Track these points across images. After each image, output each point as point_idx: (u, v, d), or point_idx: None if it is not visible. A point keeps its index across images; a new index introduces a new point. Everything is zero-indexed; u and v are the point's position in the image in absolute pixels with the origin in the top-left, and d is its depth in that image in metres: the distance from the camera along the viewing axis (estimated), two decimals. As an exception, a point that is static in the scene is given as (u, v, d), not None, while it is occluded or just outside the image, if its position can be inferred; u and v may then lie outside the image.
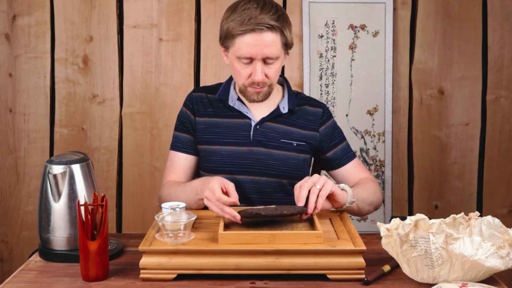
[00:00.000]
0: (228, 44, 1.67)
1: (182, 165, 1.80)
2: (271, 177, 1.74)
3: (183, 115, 1.82)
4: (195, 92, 1.84)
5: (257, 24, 1.59)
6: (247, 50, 1.62)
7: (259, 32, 1.60)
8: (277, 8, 1.65)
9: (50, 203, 1.47)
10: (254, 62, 1.64)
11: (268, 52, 1.62)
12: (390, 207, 2.69)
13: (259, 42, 1.61)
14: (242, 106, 1.77)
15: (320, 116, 1.82)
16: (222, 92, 1.79)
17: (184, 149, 1.81)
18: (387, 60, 2.67)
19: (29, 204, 2.71)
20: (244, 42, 1.61)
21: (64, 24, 2.65)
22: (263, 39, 1.61)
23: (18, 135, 2.69)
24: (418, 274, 1.31)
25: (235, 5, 1.67)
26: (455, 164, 2.73)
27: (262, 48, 1.61)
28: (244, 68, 1.66)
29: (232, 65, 1.70)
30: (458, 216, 1.40)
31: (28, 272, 1.41)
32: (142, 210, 2.72)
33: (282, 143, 1.75)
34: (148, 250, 1.34)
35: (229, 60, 1.71)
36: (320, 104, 1.86)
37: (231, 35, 1.63)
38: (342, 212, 1.62)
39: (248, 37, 1.61)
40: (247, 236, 1.35)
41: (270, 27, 1.60)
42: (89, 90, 2.68)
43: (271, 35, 1.61)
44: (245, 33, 1.60)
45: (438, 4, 2.66)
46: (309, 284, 1.32)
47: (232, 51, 1.67)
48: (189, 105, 1.82)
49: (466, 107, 2.71)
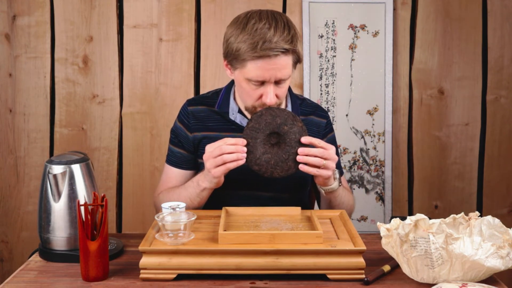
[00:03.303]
0: (236, 64, 1.57)
1: (178, 179, 1.76)
2: (272, 192, 1.72)
3: (177, 130, 1.75)
4: (190, 106, 1.74)
5: (271, 49, 1.49)
6: (259, 74, 1.53)
7: (274, 57, 1.50)
8: (289, 26, 1.54)
9: (50, 203, 1.47)
10: (266, 84, 1.55)
11: (281, 75, 1.54)
12: (390, 207, 2.69)
13: (272, 66, 1.52)
14: (243, 120, 1.70)
15: (323, 127, 1.79)
16: (221, 103, 1.71)
17: (179, 164, 1.76)
18: (387, 60, 2.67)
19: (29, 204, 2.71)
20: (257, 67, 1.52)
21: (64, 24, 2.65)
22: (277, 62, 1.52)
23: (18, 135, 2.69)
24: (418, 274, 1.31)
25: (244, 21, 1.54)
26: (455, 164, 2.73)
27: (275, 72, 1.52)
28: (254, 90, 1.57)
29: (239, 84, 1.60)
30: (458, 216, 1.40)
31: (28, 272, 1.41)
32: (142, 210, 2.72)
33: None
34: (148, 250, 1.33)
35: (236, 78, 1.62)
36: (325, 114, 1.81)
37: (241, 58, 1.53)
38: (342, 212, 1.62)
39: (261, 62, 1.51)
40: (247, 236, 1.35)
41: (284, 51, 1.51)
42: (89, 90, 2.68)
43: (285, 58, 1.53)
44: (258, 58, 1.50)
45: (438, 4, 2.66)
46: (309, 284, 1.32)
47: (241, 72, 1.57)
48: (183, 120, 1.74)
49: (466, 107, 2.71)
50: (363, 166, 2.70)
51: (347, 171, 2.70)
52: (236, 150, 1.49)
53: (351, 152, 2.70)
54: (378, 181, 2.70)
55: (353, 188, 2.70)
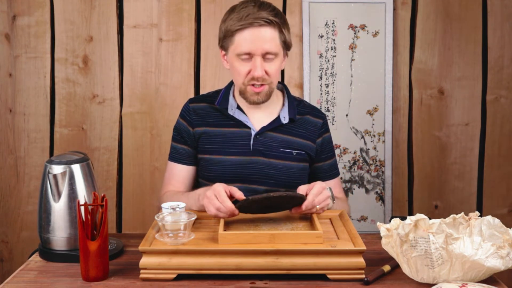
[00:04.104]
0: (227, 43, 1.69)
1: (181, 176, 1.81)
2: (270, 187, 1.75)
3: (180, 126, 1.82)
4: (192, 103, 1.83)
5: (256, 18, 1.62)
6: (246, 46, 1.64)
7: (258, 27, 1.63)
8: (274, 7, 1.69)
9: (50, 203, 1.47)
10: (254, 58, 1.65)
11: (267, 47, 1.64)
12: (390, 207, 2.69)
13: (258, 37, 1.63)
14: (241, 115, 1.77)
15: (319, 127, 1.84)
16: (221, 100, 1.79)
17: (182, 160, 1.81)
18: (387, 60, 2.67)
19: (29, 204, 2.71)
20: (243, 38, 1.64)
21: (64, 24, 2.65)
22: (262, 34, 1.64)
23: (18, 135, 2.69)
24: (418, 274, 1.31)
25: (233, 7, 1.70)
26: (455, 164, 2.73)
27: (261, 44, 1.64)
28: (243, 65, 1.67)
29: (232, 65, 1.71)
30: (458, 216, 1.40)
31: (28, 272, 1.41)
32: (142, 210, 2.72)
33: (282, 153, 1.76)
34: (148, 250, 1.34)
35: (229, 61, 1.73)
36: (321, 115, 1.87)
37: (230, 32, 1.66)
38: (342, 212, 1.62)
39: (247, 32, 1.64)
40: (247, 236, 1.35)
41: (268, 21, 1.63)
42: (89, 90, 2.68)
43: (270, 30, 1.64)
44: (244, 28, 1.63)
45: (438, 4, 2.66)
46: (309, 284, 1.32)
47: (231, 50, 1.68)
48: (185, 116, 1.81)
49: (466, 107, 2.71)
50: (363, 166, 2.70)
51: (347, 171, 2.70)
52: (229, 215, 1.49)
53: (351, 152, 2.70)
54: (378, 181, 2.70)
55: (353, 188, 2.70)
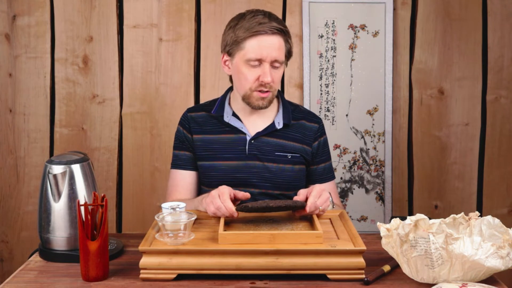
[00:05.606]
0: (234, 50, 1.72)
1: (186, 181, 1.85)
2: (267, 190, 1.77)
3: (180, 134, 1.87)
4: (190, 112, 1.88)
5: (268, 27, 1.67)
6: (257, 52, 1.68)
7: (271, 35, 1.68)
8: (281, 20, 1.75)
9: (50, 203, 1.47)
10: (263, 65, 1.69)
11: (276, 55, 1.69)
12: (390, 207, 2.69)
13: (269, 44, 1.68)
14: (237, 122, 1.80)
15: (315, 131, 1.86)
16: (217, 108, 1.83)
17: (185, 166, 1.85)
18: (387, 60, 2.67)
19: (29, 204, 2.71)
20: (254, 44, 1.68)
21: (64, 24, 2.65)
22: (273, 41, 1.68)
23: (18, 135, 2.69)
24: (418, 274, 1.31)
25: (241, 15, 1.74)
26: (455, 164, 2.73)
27: (271, 51, 1.68)
28: (251, 72, 1.70)
29: (238, 70, 1.73)
30: (458, 216, 1.40)
31: (28, 272, 1.41)
32: (142, 210, 2.72)
33: (277, 156, 1.78)
34: (148, 250, 1.34)
35: (233, 67, 1.75)
36: (317, 120, 1.89)
37: (240, 39, 1.69)
38: (342, 212, 1.62)
39: (259, 40, 1.68)
40: (247, 236, 1.35)
41: (279, 30, 1.69)
42: (89, 90, 2.68)
43: (279, 39, 1.70)
44: (256, 35, 1.67)
45: (438, 4, 2.66)
46: (309, 284, 1.32)
47: (239, 55, 1.71)
48: (185, 124, 1.86)
49: (466, 107, 2.71)
50: (363, 166, 2.70)
51: (347, 171, 2.70)
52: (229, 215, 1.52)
53: (351, 152, 2.70)
54: (378, 181, 2.70)
55: (353, 188, 2.70)
